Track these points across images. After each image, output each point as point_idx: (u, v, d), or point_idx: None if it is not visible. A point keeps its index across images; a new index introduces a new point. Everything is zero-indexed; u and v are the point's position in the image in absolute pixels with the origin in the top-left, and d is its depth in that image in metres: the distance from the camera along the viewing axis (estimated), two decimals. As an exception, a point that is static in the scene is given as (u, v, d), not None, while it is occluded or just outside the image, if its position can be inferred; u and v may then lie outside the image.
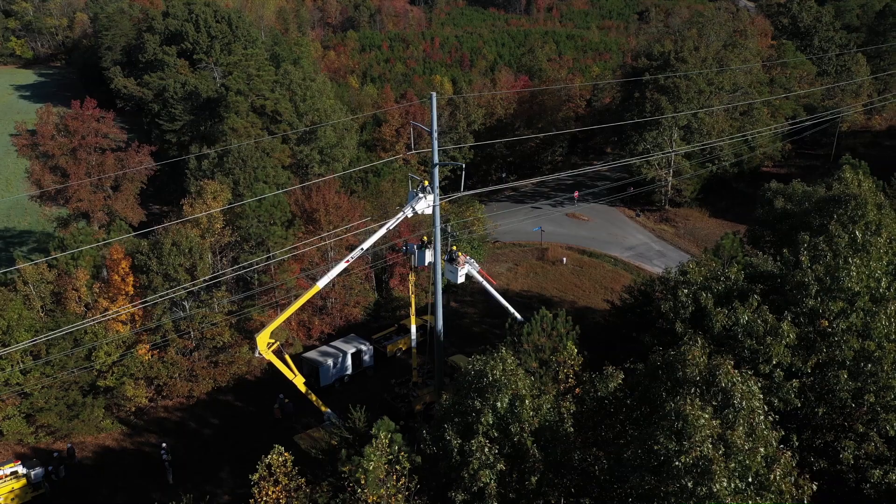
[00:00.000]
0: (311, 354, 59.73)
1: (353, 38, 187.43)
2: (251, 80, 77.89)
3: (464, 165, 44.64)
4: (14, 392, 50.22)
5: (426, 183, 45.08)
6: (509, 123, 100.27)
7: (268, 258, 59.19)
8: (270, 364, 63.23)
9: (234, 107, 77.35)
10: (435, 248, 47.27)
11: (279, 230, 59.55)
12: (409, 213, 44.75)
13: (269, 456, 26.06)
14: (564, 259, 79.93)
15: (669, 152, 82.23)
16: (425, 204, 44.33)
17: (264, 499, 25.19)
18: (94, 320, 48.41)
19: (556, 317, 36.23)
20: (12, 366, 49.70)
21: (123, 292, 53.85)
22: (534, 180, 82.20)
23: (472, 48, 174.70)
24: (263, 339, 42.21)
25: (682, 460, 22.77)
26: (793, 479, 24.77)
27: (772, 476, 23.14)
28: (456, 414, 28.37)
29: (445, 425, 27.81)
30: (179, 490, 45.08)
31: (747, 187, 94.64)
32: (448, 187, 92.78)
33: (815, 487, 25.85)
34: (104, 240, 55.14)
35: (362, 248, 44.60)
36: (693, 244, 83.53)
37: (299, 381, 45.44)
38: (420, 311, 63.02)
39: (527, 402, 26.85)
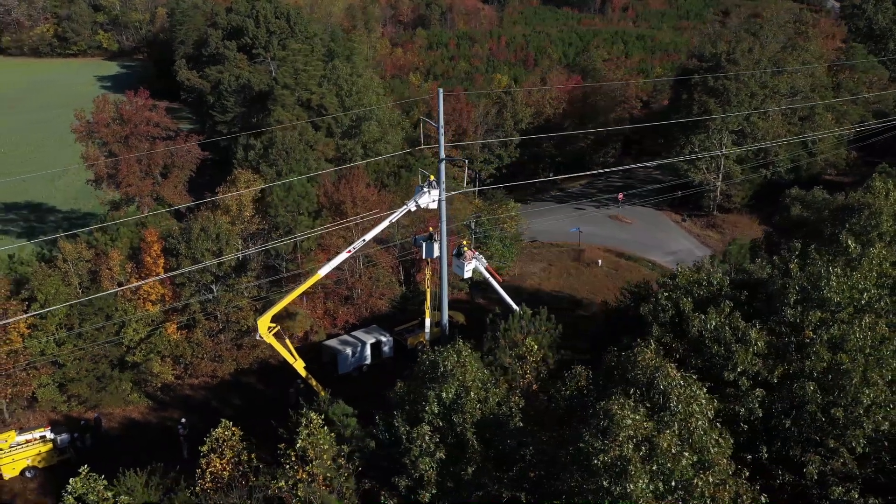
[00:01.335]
0: (332, 342, 61.31)
1: (422, 35, 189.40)
2: (298, 74, 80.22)
3: (467, 161, 45.09)
4: (48, 361, 53.66)
5: (432, 178, 45.82)
6: (558, 123, 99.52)
7: (293, 243, 60.99)
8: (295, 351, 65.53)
9: (280, 100, 79.85)
10: (441, 243, 47.98)
11: (306, 220, 61.31)
12: (412, 206, 45.59)
13: (216, 430, 27.36)
14: (600, 261, 79.05)
15: (715, 153, 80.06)
16: (429, 198, 45.09)
17: (209, 470, 26.52)
18: (110, 293, 51.30)
19: (537, 314, 36.28)
20: (47, 337, 53.16)
21: (154, 273, 56.66)
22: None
23: (537, 47, 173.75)
24: (264, 323, 43.85)
25: (601, 459, 22.74)
26: (733, 488, 24.37)
27: (697, 482, 22.79)
28: (408, 402, 28.98)
29: (395, 412, 28.47)
30: (191, 464, 47.41)
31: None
32: (492, 185, 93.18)
33: (765, 500, 25.36)
34: (138, 222, 58.10)
35: (364, 240, 45.73)
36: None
37: (299, 366, 46.93)
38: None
39: (472, 393, 27.19)
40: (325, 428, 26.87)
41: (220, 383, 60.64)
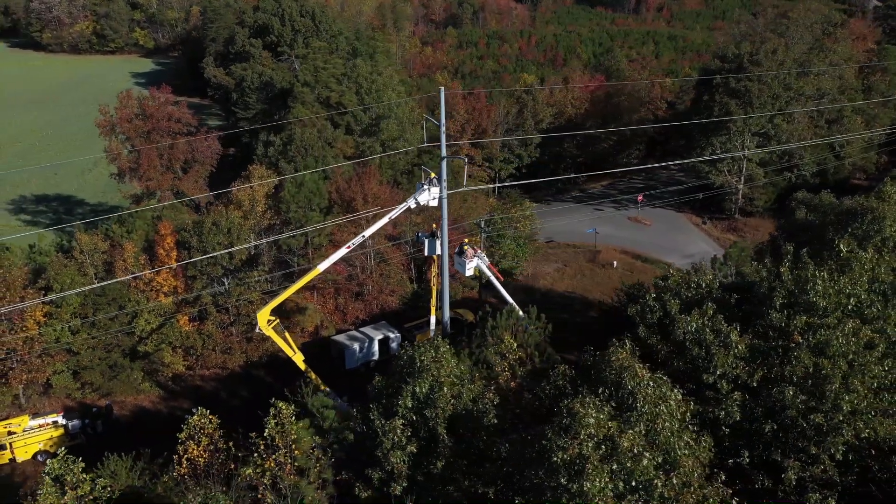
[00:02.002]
0: (340, 337, 61.94)
1: (452, 34, 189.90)
2: (318, 72, 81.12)
3: (465, 159, 45.29)
4: (63, 349, 55.21)
5: (433, 175, 46.08)
6: (580, 124, 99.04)
7: (305, 239, 61.79)
8: (304, 345, 66.31)
9: (300, 97, 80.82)
10: (442, 240, 48.19)
11: (317, 216, 62.05)
12: (412, 204, 45.92)
13: (193, 417, 28.03)
14: (615, 262, 78.49)
15: (736, 154, 78.89)
16: (428, 196, 45.36)
17: (185, 457, 27.21)
18: (119, 280, 52.55)
19: (527, 313, 36.33)
20: (62, 325, 54.70)
21: (168, 266, 57.90)
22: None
23: (567, 47, 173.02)
24: (264, 316, 44.55)
25: (560, 456, 22.80)
26: (699, 491, 24.24)
27: (657, 482, 22.71)
28: (385, 396, 29.33)
29: (372, 405, 28.84)
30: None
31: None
32: (511, 184, 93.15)
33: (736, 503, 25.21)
34: (154, 215, 59.39)
35: (363, 236, 46.18)
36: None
37: (298, 359, 47.57)
38: (455, 305, 64.02)
39: (445, 389, 27.43)
40: (295, 418, 27.34)
41: (230, 375, 61.70)
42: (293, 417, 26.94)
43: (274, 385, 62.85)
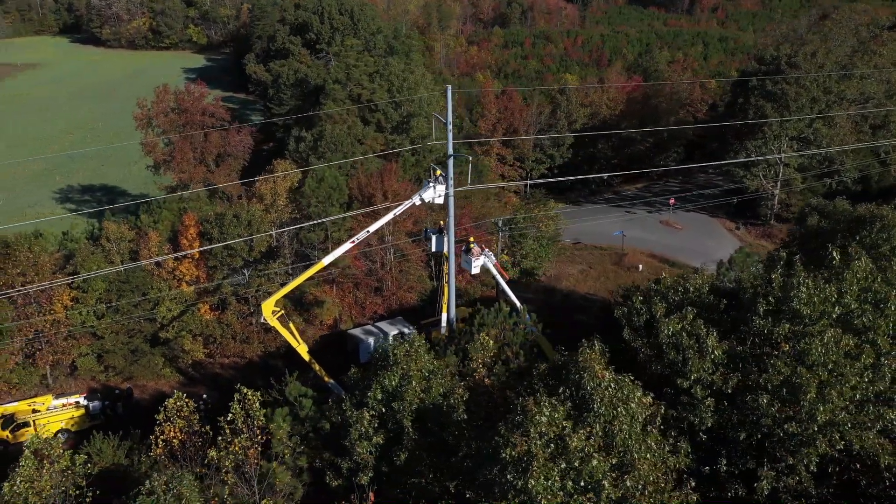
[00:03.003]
0: (356, 331, 62.79)
1: (499, 34, 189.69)
2: (350, 69, 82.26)
3: (469, 158, 45.47)
4: (88, 332, 57.45)
5: (439, 173, 46.38)
6: (614, 125, 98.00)
7: (325, 233, 62.82)
8: (322, 338, 67.46)
9: (331, 94, 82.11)
10: (448, 237, 48.47)
11: (337, 210, 63.04)
12: (416, 201, 46.32)
13: (169, 401, 29.07)
14: (640, 266, 77.53)
15: (770, 157, 76.98)
16: (433, 193, 45.65)
17: (161, 437, 28.26)
18: (138, 264, 54.44)
19: (516, 311, 36.39)
20: (88, 310, 56.90)
21: (189, 256, 59.67)
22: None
23: (613, 48, 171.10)
24: (269, 307, 45.55)
25: (508, 452, 22.94)
26: (655, 496, 24.09)
27: (605, 483, 22.65)
28: (359, 388, 29.86)
29: (345, 396, 29.39)
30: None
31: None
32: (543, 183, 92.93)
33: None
34: (180, 207, 61.22)
35: (368, 231, 46.75)
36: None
37: (303, 350, 48.48)
38: (471, 304, 64.13)
39: (413, 382, 27.79)
40: (276, 406, 28.13)
41: (248, 364, 63.16)
42: (258, 404, 27.76)
43: (290, 375, 64.45)
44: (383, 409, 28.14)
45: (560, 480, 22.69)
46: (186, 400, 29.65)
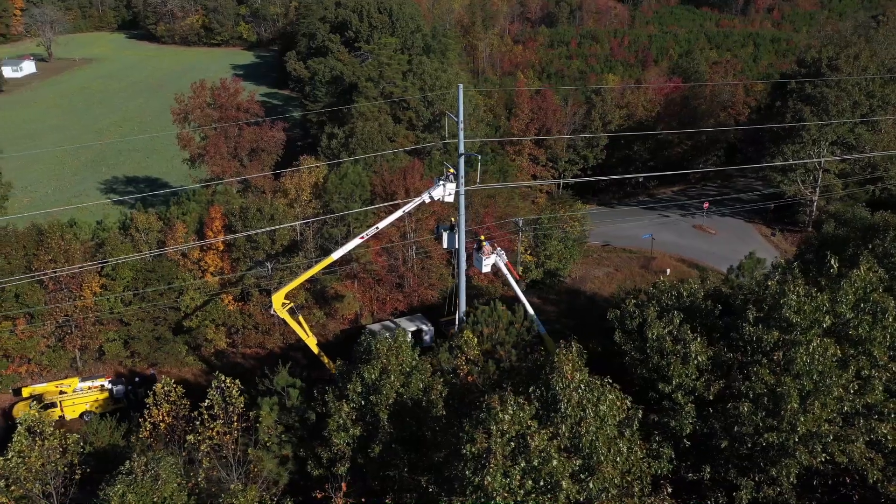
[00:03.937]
0: (374, 327, 63.40)
1: (545, 33, 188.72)
2: (382, 67, 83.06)
3: (479, 157, 45.55)
4: (115, 319, 59.48)
5: (450, 171, 46.57)
6: (651, 127, 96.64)
7: (347, 229, 63.67)
8: (343, 332, 68.29)
9: (364, 92, 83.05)
10: (459, 236, 48.62)
11: (358, 206, 63.81)
12: (426, 198, 46.61)
13: (157, 385, 30.02)
14: (668, 270, 76.26)
15: (808, 161, 74.82)
16: (442, 191, 45.87)
17: (149, 419, 29.25)
18: (161, 251, 56.07)
19: (514, 311, 36.43)
20: (115, 297, 58.92)
21: (214, 247, 61.23)
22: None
23: (659, 48, 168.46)
24: (279, 299, 46.48)
25: (469, 449, 23.10)
26: (617, 499, 23.99)
27: (563, 483, 22.61)
28: (343, 380, 30.37)
29: (327, 388, 29.96)
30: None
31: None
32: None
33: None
34: (209, 200, 62.79)
35: (377, 227, 47.25)
36: (822, 271, 75.77)
37: (312, 342, 49.29)
38: (488, 303, 64.16)
39: (391, 377, 28.16)
40: (237, 393, 28.86)
41: (270, 354, 64.39)
42: (237, 391, 28.50)
43: (308, 367, 65.52)
44: (363, 402, 28.59)
45: (519, 479, 22.76)
46: (174, 385, 30.65)
